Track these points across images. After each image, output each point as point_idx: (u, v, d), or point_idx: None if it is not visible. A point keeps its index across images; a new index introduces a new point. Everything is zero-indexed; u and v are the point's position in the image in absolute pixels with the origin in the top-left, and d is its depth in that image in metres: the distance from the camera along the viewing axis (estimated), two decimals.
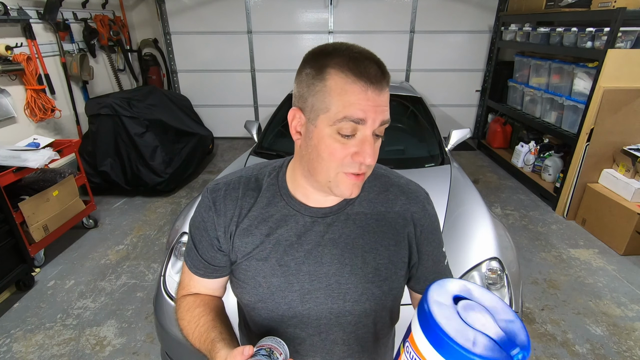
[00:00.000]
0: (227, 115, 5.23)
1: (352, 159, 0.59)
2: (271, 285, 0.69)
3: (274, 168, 0.74)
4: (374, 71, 0.57)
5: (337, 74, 0.57)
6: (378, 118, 0.58)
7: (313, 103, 0.59)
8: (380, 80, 0.57)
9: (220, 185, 0.72)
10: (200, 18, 4.73)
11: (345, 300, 0.69)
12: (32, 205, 2.37)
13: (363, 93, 0.56)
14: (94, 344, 1.92)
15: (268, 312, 0.71)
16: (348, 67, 0.57)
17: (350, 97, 0.56)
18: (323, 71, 0.58)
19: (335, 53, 0.59)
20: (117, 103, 3.29)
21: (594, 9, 3.07)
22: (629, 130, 2.87)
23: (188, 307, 0.73)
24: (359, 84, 0.56)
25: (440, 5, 4.65)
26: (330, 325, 0.71)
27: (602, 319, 2.10)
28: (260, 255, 0.69)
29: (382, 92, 0.58)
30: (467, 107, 5.27)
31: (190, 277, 0.76)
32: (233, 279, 0.75)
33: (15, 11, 2.85)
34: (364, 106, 0.56)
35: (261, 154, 2.31)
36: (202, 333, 0.67)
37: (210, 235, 0.71)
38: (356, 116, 0.56)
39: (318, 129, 0.59)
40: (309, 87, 0.59)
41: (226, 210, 0.70)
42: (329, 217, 0.69)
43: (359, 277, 0.69)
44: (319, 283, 0.69)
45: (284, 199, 0.70)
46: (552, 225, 3.08)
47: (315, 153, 0.60)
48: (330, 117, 0.57)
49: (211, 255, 0.72)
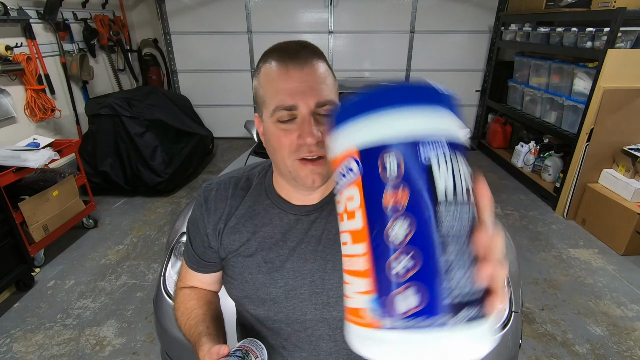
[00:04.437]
0: (227, 115, 5.23)
1: (297, 143, 0.59)
2: (256, 282, 0.71)
3: (264, 168, 0.77)
4: (294, 47, 0.58)
5: (264, 65, 0.61)
6: (310, 99, 0.57)
7: (258, 102, 0.63)
8: (297, 53, 0.58)
9: (213, 185, 0.76)
10: (200, 18, 4.73)
11: (329, 296, 0.70)
12: (32, 205, 2.37)
13: (284, 74, 0.57)
14: (94, 344, 1.92)
15: (254, 308, 0.73)
16: (271, 56, 0.60)
17: (276, 84, 0.58)
18: (258, 66, 0.63)
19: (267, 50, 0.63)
20: (117, 103, 3.29)
21: (594, 9, 3.07)
22: (629, 130, 2.87)
23: (184, 298, 0.78)
24: (279, 64, 0.58)
25: (440, 5, 4.64)
26: (316, 321, 0.72)
27: (602, 319, 2.10)
28: (246, 252, 0.71)
29: (305, 65, 0.58)
30: (467, 107, 5.26)
31: (186, 271, 0.80)
32: (224, 275, 0.78)
33: (15, 11, 2.85)
34: (290, 89, 0.57)
35: (261, 154, 2.31)
36: (192, 326, 0.71)
37: (201, 232, 0.74)
38: (285, 103, 0.57)
39: (266, 125, 0.63)
40: (255, 89, 0.64)
41: (216, 209, 0.73)
42: (312, 215, 0.70)
43: (341, 273, 0.69)
44: (303, 279, 0.70)
45: (270, 198, 0.72)
46: (552, 225, 3.08)
47: (270, 146, 0.64)
48: (268, 109, 0.60)
49: (202, 251, 0.76)
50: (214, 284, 0.81)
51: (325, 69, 0.61)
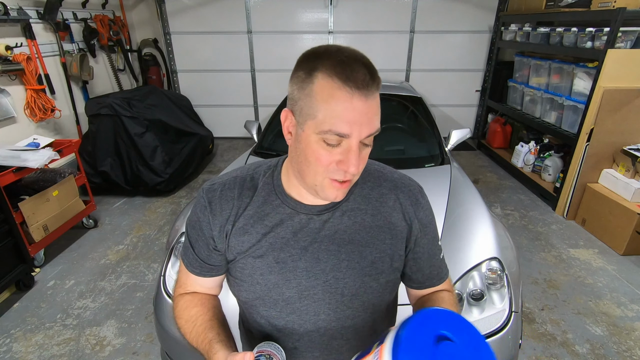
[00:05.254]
0: (227, 115, 5.23)
1: (337, 166, 0.60)
2: (268, 282, 0.70)
3: (269, 167, 0.75)
4: (361, 75, 0.55)
5: (324, 77, 0.56)
6: (364, 130, 0.57)
7: (302, 107, 0.59)
8: (367, 86, 0.55)
9: (216, 186, 0.73)
10: (200, 18, 4.73)
11: (343, 294, 0.70)
12: (32, 205, 2.37)
13: (348, 101, 0.55)
14: (93, 344, 1.92)
15: (266, 309, 0.72)
16: (335, 71, 0.55)
17: (336, 106, 0.55)
18: (311, 74, 0.57)
19: (325, 55, 0.58)
20: (117, 103, 3.29)
21: (594, 9, 3.07)
22: (629, 130, 2.87)
23: (185, 305, 0.75)
24: (344, 89, 0.55)
25: (440, 5, 4.64)
26: (329, 320, 0.72)
27: (602, 319, 2.10)
28: (256, 253, 0.70)
29: (370, 98, 0.56)
30: (467, 107, 5.27)
31: (187, 276, 0.77)
32: (230, 277, 0.76)
33: (15, 11, 2.85)
34: (349, 117, 0.56)
35: (261, 154, 2.31)
36: (200, 333, 0.69)
37: (206, 235, 0.72)
38: (341, 130, 0.56)
39: (306, 134, 0.60)
40: (299, 90, 0.59)
41: (222, 210, 0.71)
42: (324, 214, 0.70)
43: (357, 271, 0.70)
44: (317, 279, 0.70)
45: (279, 197, 0.71)
46: (552, 225, 3.08)
47: (303, 156, 0.61)
48: (317, 125, 0.57)
49: (206, 255, 0.73)
50: (216, 287, 0.80)
51: (379, 98, 0.60)
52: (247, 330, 0.82)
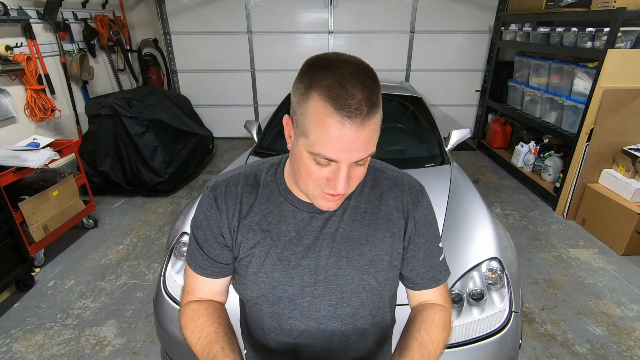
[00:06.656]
0: (227, 115, 5.23)
1: (326, 183, 0.61)
2: (272, 280, 0.71)
3: (272, 165, 0.76)
4: (355, 103, 0.53)
5: (319, 100, 0.54)
6: (354, 156, 0.57)
7: (298, 120, 0.59)
8: (360, 114, 0.53)
9: (220, 183, 0.74)
10: (200, 18, 4.73)
11: (343, 292, 0.71)
12: (32, 205, 2.37)
13: (338, 130, 0.54)
14: (94, 344, 1.92)
15: (270, 306, 0.73)
16: (330, 95, 0.53)
17: (326, 132, 0.54)
18: (308, 92, 0.56)
19: (327, 70, 0.55)
20: (117, 103, 3.29)
21: (594, 9, 3.07)
22: (629, 130, 2.87)
23: (192, 315, 0.73)
24: (335, 117, 0.53)
25: (440, 5, 4.64)
26: (329, 316, 0.73)
27: (602, 319, 2.10)
28: (261, 250, 0.71)
29: (363, 126, 0.54)
30: (467, 107, 5.27)
31: (195, 280, 0.76)
32: (235, 275, 0.76)
33: (15, 11, 2.85)
34: (338, 146, 0.55)
35: (261, 154, 2.31)
36: (205, 346, 0.67)
37: (215, 232, 0.72)
38: (329, 156, 0.57)
39: (299, 148, 0.60)
40: (297, 104, 0.59)
41: (227, 207, 0.72)
42: (327, 212, 0.71)
43: (356, 269, 0.71)
44: (318, 276, 0.71)
45: (283, 195, 0.72)
46: (552, 225, 3.08)
47: (296, 167, 0.63)
48: (308, 145, 0.58)
49: (218, 253, 0.73)
50: (224, 292, 0.79)
51: (378, 121, 0.57)
52: (248, 328, 0.82)
